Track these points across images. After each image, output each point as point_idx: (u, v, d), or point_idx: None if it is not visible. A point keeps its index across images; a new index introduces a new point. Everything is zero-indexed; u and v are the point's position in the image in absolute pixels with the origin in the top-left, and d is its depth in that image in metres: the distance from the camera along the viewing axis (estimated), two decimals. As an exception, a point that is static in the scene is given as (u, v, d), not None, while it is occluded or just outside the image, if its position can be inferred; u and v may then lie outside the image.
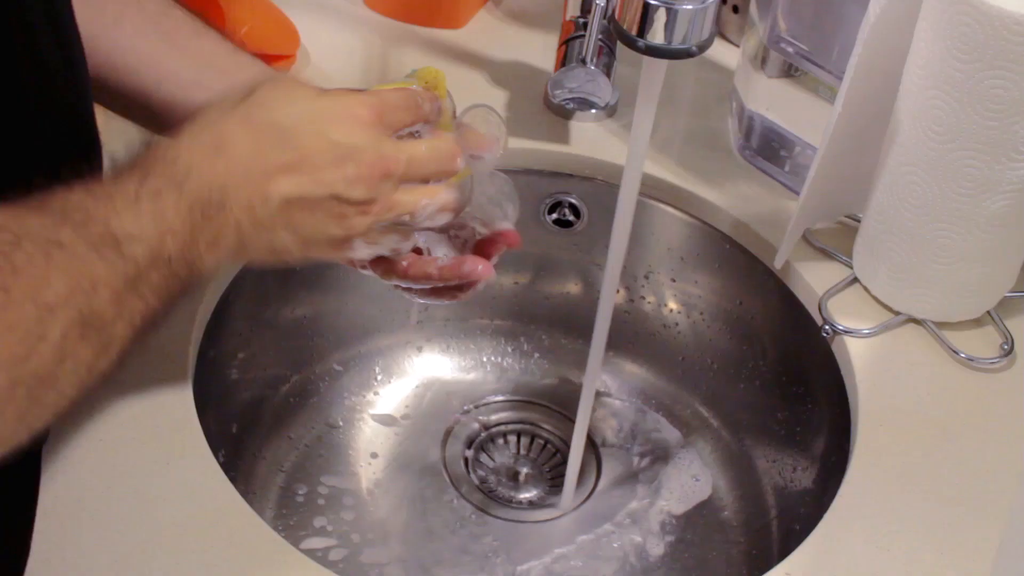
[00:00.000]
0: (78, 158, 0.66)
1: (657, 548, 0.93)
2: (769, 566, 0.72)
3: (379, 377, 1.03)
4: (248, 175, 0.60)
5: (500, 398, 1.04)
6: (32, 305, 0.49)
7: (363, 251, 0.66)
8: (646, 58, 0.69)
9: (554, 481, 0.98)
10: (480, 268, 0.71)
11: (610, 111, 1.04)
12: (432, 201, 0.66)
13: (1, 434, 0.50)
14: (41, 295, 0.49)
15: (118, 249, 0.54)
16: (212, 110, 0.62)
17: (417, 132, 0.68)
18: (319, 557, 0.89)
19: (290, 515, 0.92)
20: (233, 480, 0.72)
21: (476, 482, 0.97)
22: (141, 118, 0.75)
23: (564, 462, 0.96)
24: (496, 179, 0.74)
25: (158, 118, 0.74)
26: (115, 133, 0.94)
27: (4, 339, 0.48)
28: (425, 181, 0.66)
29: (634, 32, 0.68)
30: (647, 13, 0.67)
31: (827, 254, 0.92)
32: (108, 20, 0.72)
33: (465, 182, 0.69)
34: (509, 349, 1.07)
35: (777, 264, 0.91)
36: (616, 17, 0.69)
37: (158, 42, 0.74)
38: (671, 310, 1.04)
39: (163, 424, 0.74)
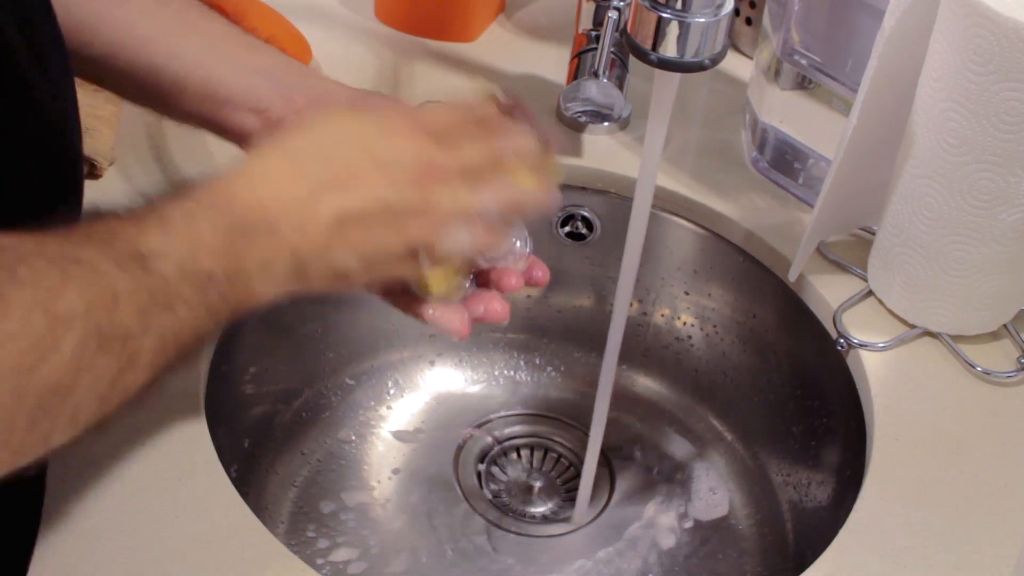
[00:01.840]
0: (57, 170, 0.65)
1: (670, 562, 0.93)
2: (784, 582, 0.72)
3: (391, 391, 1.03)
4: (295, 199, 0.60)
5: (513, 412, 1.04)
6: (42, 315, 0.48)
7: (431, 267, 0.64)
8: (658, 71, 0.69)
9: (567, 495, 0.98)
10: (495, 308, 0.71)
11: (623, 124, 1.04)
12: (496, 191, 0.64)
13: (14, 444, 0.49)
14: (52, 306, 0.49)
15: (144, 264, 0.53)
16: (251, 152, 0.62)
17: None
18: (332, 572, 0.89)
19: (302, 530, 0.91)
20: (245, 495, 0.72)
21: (489, 496, 0.96)
22: (151, 98, 0.74)
23: (577, 476, 0.96)
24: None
25: (169, 97, 0.72)
26: (127, 147, 0.94)
27: (6, 348, 0.47)
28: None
29: (646, 45, 0.68)
30: (659, 26, 0.66)
31: (841, 267, 0.91)
32: None
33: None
34: (522, 363, 1.07)
35: (791, 277, 0.91)
36: (628, 30, 0.68)
37: (168, 20, 0.72)
38: (684, 323, 1.03)
39: (175, 439, 0.73)
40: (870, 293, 0.89)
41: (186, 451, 0.73)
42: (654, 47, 0.67)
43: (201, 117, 0.73)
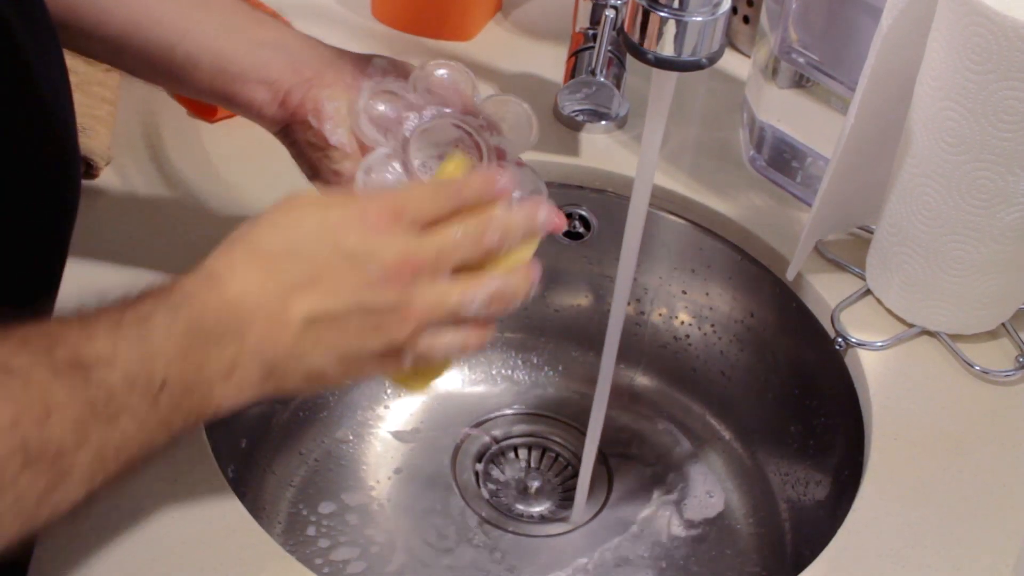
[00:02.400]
0: (54, 160, 0.64)
1: (668, 562, 0.92)
2: (783, 582, 0.71)
3: (389, 391, 1.03)
4: (261, 301, 0.57)
5: (510, 411, 1.04)
6: None
7: (418, 360, 0.62)
8: (656, 70, 0.69)
9: (565, 495, 0.97)
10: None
11: (620, 122, 1.04)
12: (481, 287, 0.62)
13: None
14: None
15: (85, 374, 0.50)
16: (216, 249, 0.59)
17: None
18: (330, 572, 0.88)
19: (300, 530, 0.91)
20: (243, 496, 0.72)
21: (487, 496, 0.96)
22: (165, 75, 0.74)
23: (575, 475, 0.95)
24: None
25: (182, 73, 0.72)
26: (123, 147, 0.94)
27: None
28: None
29: (644, 44, 0.67)
30: (657, 25, 0.66)
31: (839, 266, 0.91)
32: None
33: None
34: (519, 362, 1.07)
35: (789, 276, 0.91)
36: (625, 29, 0.68)
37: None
38: (682, 322, 1.03)
39: (171, 440, 0.73)
40: (868, 292, 0.89)
41: (182, 452, 0.73)
42: (651, 46, 0.67)
43: (214, 92, 0.73)
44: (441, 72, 0.71)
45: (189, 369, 0.54)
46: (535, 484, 0.98)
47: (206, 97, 0.75)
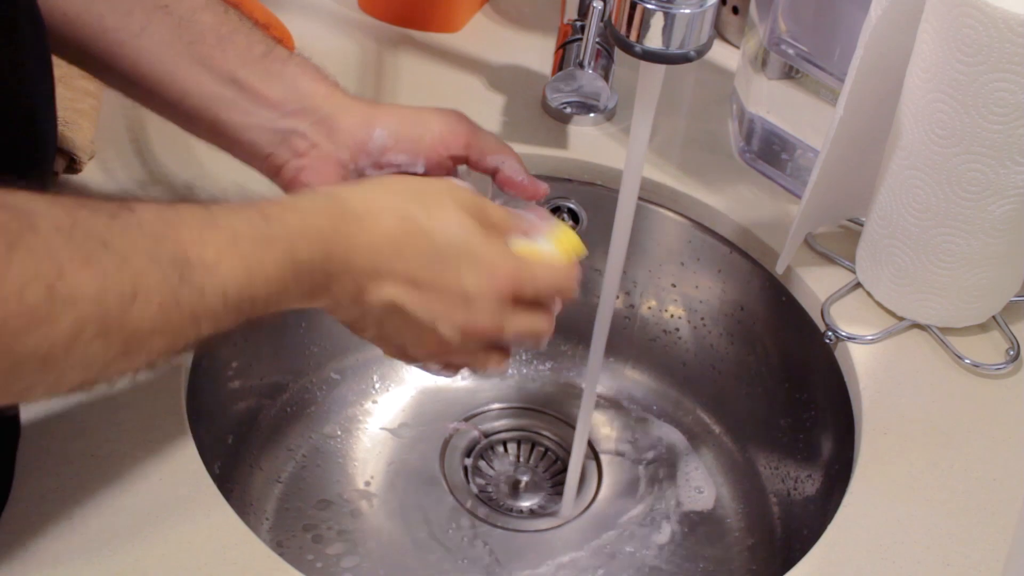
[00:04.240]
0: (23, 152, 0.64)
1: (658, 557, 0.92)
2: (773, 577, 0.71)
3: (377, 386, 1.02)
4: (372, 264, 0.62)
5: (499, 405, 1.03)
6: (42, 288, 0.47)
7: (420, 369, 0.71)
8: (643, 63, 0.68)
9: (554, 489, 0.97)
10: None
11: (608, 115, 1.03)
12: (493, 369, 0.70)
13: None
14: (56, 283, 0.48)
15: (184, 272, 0.53)
16: (375, 185, 0.66)
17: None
18: (317, 569, 0.88)
19: (288, 527, 0.91)
20: (230, 492, 0.71)
21: (476, 491, 0.96)
22: (172, 121, 0.75)
23: (564, 470, 0.95)
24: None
25: (185, 125, 0.74)
26: (106, 141, 0.93)
27: None
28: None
29: (631, 37, 0.67)
30: (644, 17, 0.66)
31: (829, 259, 0.91)
32: (135, 29, 0.71)
33: None
34: (508, 356, 1.06)
35: (779, 269, 0.90)
36: (613, 22, 0.68)
37: (181, 55, 0.72)
38: (672, 315, 1.03)
39: (155, 436, 0.72)
40: (858, 285, 0.88)
41: (167, 448, 0.72)
42: (639, 39, 0.67)
43: (215, 146, 0.75)
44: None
45: (279, 291, 0.58)
46: (524, 479, 0.97)
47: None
